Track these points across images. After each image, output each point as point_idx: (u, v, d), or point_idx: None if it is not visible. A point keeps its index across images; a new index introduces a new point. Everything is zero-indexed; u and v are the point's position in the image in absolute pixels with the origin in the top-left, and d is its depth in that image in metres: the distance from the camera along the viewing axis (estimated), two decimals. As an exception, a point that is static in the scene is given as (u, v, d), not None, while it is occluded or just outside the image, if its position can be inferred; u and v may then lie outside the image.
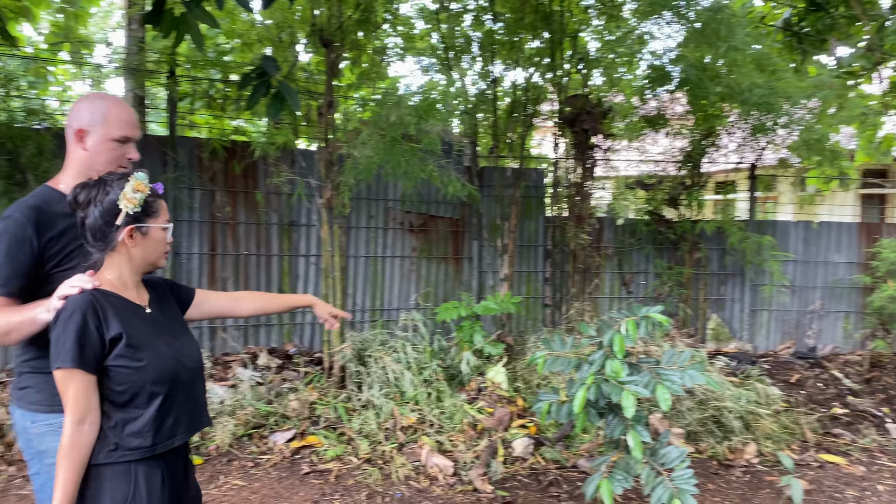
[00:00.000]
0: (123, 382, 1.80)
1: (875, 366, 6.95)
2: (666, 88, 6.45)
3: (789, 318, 7.53)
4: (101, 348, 1.77)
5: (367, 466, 4.46)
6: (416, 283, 6.61)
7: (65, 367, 1.73)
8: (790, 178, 7.77)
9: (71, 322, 1.75)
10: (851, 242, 7.51)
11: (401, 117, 4.47)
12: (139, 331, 1.86)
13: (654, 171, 7.46)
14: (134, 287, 1.95)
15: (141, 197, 1.86)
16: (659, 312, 3.81)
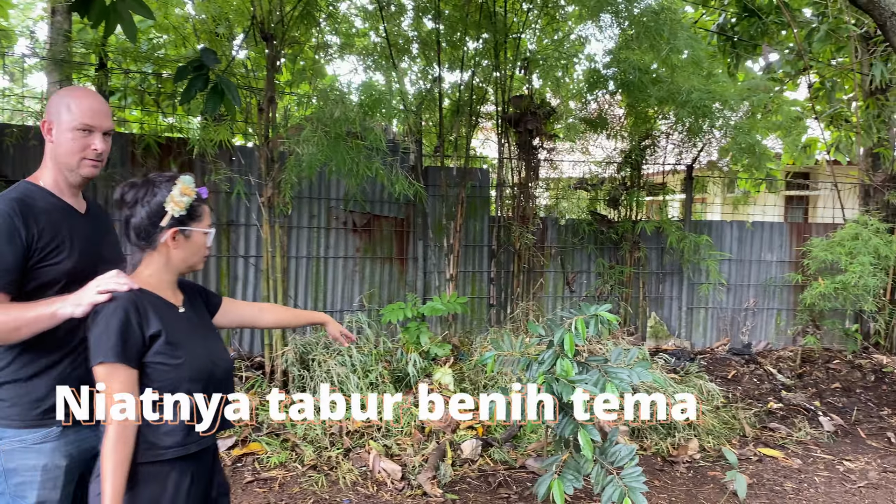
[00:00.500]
0: (160, 380, 1.83)
1: (806, 361, 7.20)
2: (606, 91, 6.52)
3: (724, 316, 7.74)
4: (142, 344, 1.81)
5: (312, 473, 4.34)
6: (360, 284, 6.49)
7: (108, 361, 1.76)
8: (722, 179, 7.97)
9: (114, 318, 1.78)
10: (783, 242, 7.77)
11: (345, 113, 4.36)
12: (177, 329, 1.90)
13: (596, 172, 7.55)
14: (170, 287, 1.99)
15: (188, 200, 1.90)
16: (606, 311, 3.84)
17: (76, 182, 2.06)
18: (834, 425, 5.85)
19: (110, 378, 1.77)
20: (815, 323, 7.01)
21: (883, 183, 7.55)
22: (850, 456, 5.18)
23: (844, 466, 4.98)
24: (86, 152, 2.01)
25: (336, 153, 4.54)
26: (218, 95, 3.99)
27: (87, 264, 1.99)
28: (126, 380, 1.78)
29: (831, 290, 6.30)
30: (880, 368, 7.10)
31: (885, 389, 6.71)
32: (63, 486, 1.94)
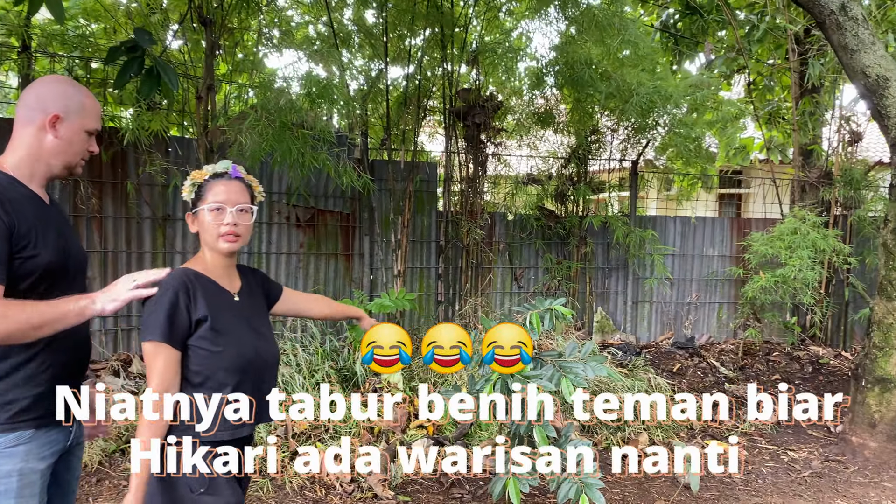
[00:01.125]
0: (199, 364, 1.88)
1: (747, 353, 7.35)
2: (553, 85, 6.49)
3: (668, 310, 7.83)
4: (187, 327, 1.86)
5: (257, 478, 4.14)
6: (305, 280, 6.28)
7: (154, 339, 1.82)
8: (661, 176, 8.07)
9: (164, 298, 1.83)
10: (724, 237, 7.91)
11: (291, 102, 4.17)
12: (224, 317, 1.93)
13: (543, 167, 7.52)
14: (224, 273, 2.03)
15: (193, 184, 2.00)
16: (563, 305, 3.78)
17: (55, 175, 1.95)
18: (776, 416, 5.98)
19: (154, 356, 1.83)
20: (755, 316, 7.15)
21: (818, 179, 7.77)
22: (793, 446, 5.28)
23: (789, 456, 5.07)
24: (84, 154, 1.98)
25: (281, 143, 4.34)
26: (154, 79, 3.75)
27: (59, 258, 1.86)
28: (169, 359, 1.84)
29: (771, 283, 6.42)
30: (817, 360, 7.30)
31: (821, 380, 6.90)
32: (40, 490, 1.86)
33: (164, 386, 1.83)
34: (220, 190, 1.99)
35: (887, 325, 5.05)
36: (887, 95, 5.06)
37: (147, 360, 1.85)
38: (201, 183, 2.01)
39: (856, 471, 4.83)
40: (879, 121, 5.17)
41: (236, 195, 2.01)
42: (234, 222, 1.97)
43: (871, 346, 5.16)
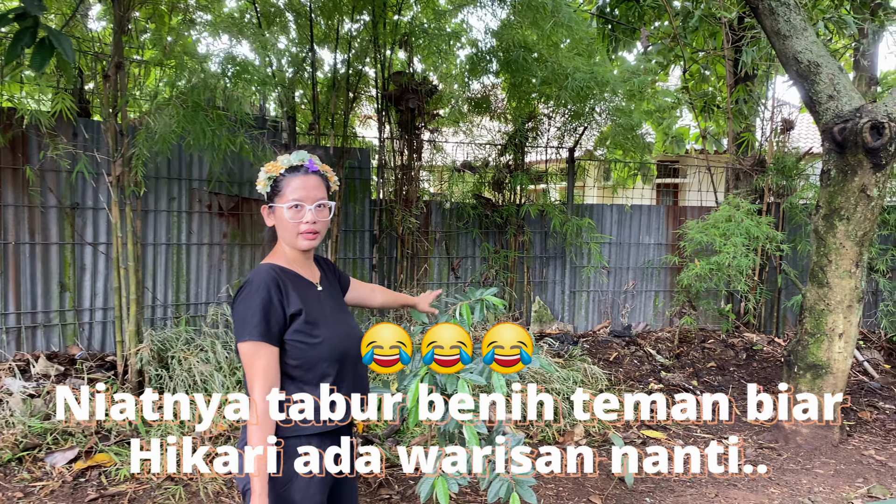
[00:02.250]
0: (299, 358, 1.87)
1: (683, 341, 7.35)
2: (488, 70, 6.31)
3: (605, 299, 7.78)
4: (283, 323, 1.84)
5: (169, 484, 3.84)
6: (229, 273, 5.95)
7: (252, 340, 1.79)
8: (600, 165, 8.02)
9: (257, 296, 1.80)
10: (660, 225, 7.90)
11: (205, 80, 3.86)
12: (315, 308, 1.92)
13: (480, 154, 7.35)
14: (305, 265, 2.01)
15: (266, 176, 1.94)
16: (494, 294, 3.62)
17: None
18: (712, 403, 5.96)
19: (254, 357, 1.79)
20: (691, 304, 7.15)
21: (751, 167, 7.82)
22: (727, 434, 5.26)
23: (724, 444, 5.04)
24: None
25: (193, 125, 4.02)
26: (47, 49, 3.37)
27: None
28: (269, 358, 1.81)
29: (706, 271, 6.41)
30: (751, 347, 7.36)
31: (755, 366, 6.95)
32: None
33: (268, 385, 1.80)
34: (298, 185, 1.93)
35: (818, 312, 5.06)
36: (818, 81, 5.05)
37: (246, 361, 1.81)
38: (277, 177, 1.94)
39: (789, 458, 4.82)
40: (811, 107, 5.16)
41: (314, 191, 1.96)
42: (313, 220, 1.94)
43: (803, 332, 5.17)
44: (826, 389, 5.07)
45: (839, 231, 4.94)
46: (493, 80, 6.94)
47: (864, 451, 4.98)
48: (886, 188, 5.11)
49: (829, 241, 4.98)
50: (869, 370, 6.88)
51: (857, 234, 4.92)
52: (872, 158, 4.79)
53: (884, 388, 6.45)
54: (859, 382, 6.61)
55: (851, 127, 4.80)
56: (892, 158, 4.83)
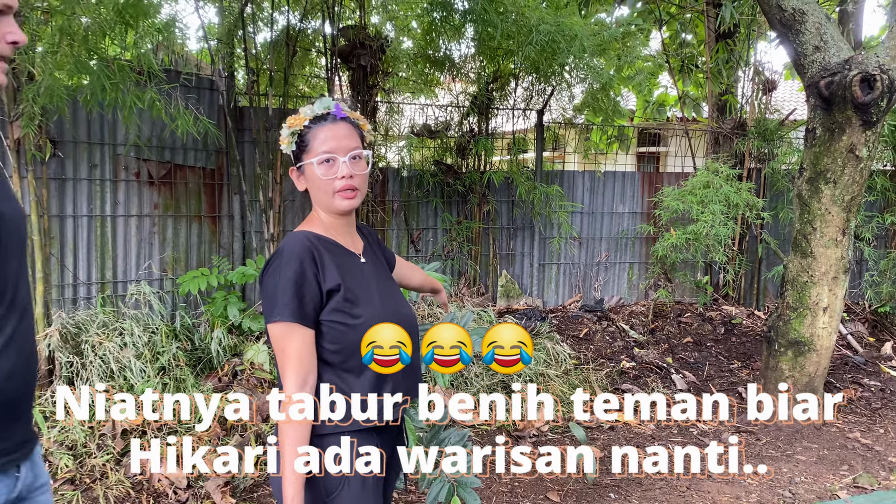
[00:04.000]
0: (338, 342, 1.63)
1: (658, 315, 6.95)
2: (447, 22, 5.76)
3: (577, 272, 7.34)
4: (319, 300, 1.60)
5: (66, 489, 3.37)
6: (161, 247, 5.42)
7: (283, 320, 1.55)
8: (580, 133, 7.52)
9: (288, 269, 1.56)
10: (635, 192, 7.44)
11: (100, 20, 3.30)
12: (356, 282, 1.68)
13: (441, 117, 6.82)
14: (346, 232, 1.75)
15: (290, 132, 1.67)
16: (436, 270, 3.16)
17: None
18: (686, 383, 5.57)
19: (286, 340, 1.56)
20: (666, 276, 6.73)
21: (731, 130, 7.37)
22: (703, 416, 4.86)
23: (698, 429, 4.65)
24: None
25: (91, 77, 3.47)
26: None
27: None
28: (304, 341, 1.58)
29: (682, 240, 5.99)
30: (730, 320, 6.97)
31: (734, 342, 6.57)
32: None
33: (303, 373, 1.56)
34: (327, 136, 1.64)
35: (801, 284, 4.65)
36: (804, 31, 4.57)
37: (277, 345, 1.57)
38: (301, 131, 1.66)
39: (768, 442, 4.44)
40: (795, 60, 4.69)
41: (347, 140, 1.67)
42: (349, 174, 1.65)
43: (785, 306, 4.76)
44: (809, 368, 4.68)
45: (825, 196, 4.51)
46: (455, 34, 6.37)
47: (850, 433, 4.61)
48: (876, 148, 4.67)
49: (814, 206, 4.55)
50: (853, 344, 6.52)
51: (845, 199, 4.49)
52: (862, 115, 4.34)
53: (868, 363, 6.09)
54: (843, 357, 6.25)
55: (839, 80, 4.34)
56: (883, 115, 4.38)
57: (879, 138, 4.88)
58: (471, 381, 4.88)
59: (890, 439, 4.50)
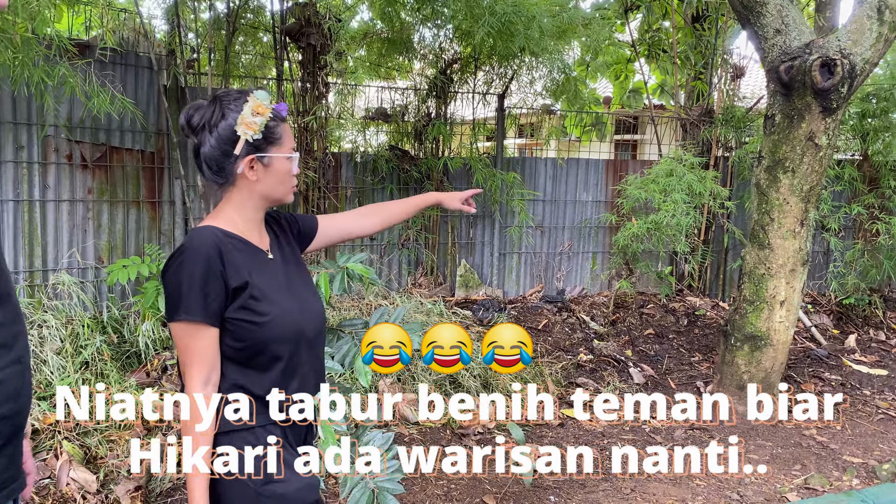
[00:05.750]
0: (245, 340, 1.59)
1: (620, 306, 6.79)
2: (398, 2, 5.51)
3: (539, 261, 7.15)
4: (224, 299, 1.56)
5: (-36, 496, 3.14)
6: (96, 233, 5.15)
7: (187, 319, 1.51)
8: (557, 120, 7.32)
9: (194, 265, 1.52)
10: (598, 180, 7.25)
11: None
12: (263, 280, 1.63)
13: (397, 100, 6.58)
14: (256, 228, 1.70)
15: (262, 121, 1.59)
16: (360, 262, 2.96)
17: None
18: (644, 376, 5.42)
19: (189, 338, 1.52)
20: (628, 266, 6.56)
21: (699, 117, 7.19)
22: (657, 412, 4.70)
23: (651, 426, 4.49)
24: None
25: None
26: None
27: None
28: (208, 340, 1.54)
29: (644, 230, 5.81)
30: (693, 312, 6.83)
31: (696, 333, 6.43)
32: None
33: (206, 371, 1.54)
34: (290, 132, 1.71)
35: (759, 277, 4.49)
36: (765, 13, 4.39)
37: (180, 343, 1.54)
38: (269, 122, 1.61)
39: (721, 440, 4.28)
40: (756, 42, 4.51)
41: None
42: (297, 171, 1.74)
43: (742, 299, 4.61)
44: (765, 363, 4.54)
45: (783, 185, 4.34)
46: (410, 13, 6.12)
47: (805, 430, 4.47)
48: (837, 137, 4.51)
49: (772, 196, 4.38)
50: (817, 336, 6.40)
51: (803, 189, 4.32)
52: (822, 101, 4.17)
53: (831, 356, 5.97)
54: (806, 350, 6.13)
55: (799, 65, 4.16)
56: (843, 101, 4.21)
57: (841, 126, 4.73)
58: (418, 377, 4.69)
59: (846, 437, 4.38)
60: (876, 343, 6.40)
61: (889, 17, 4.20)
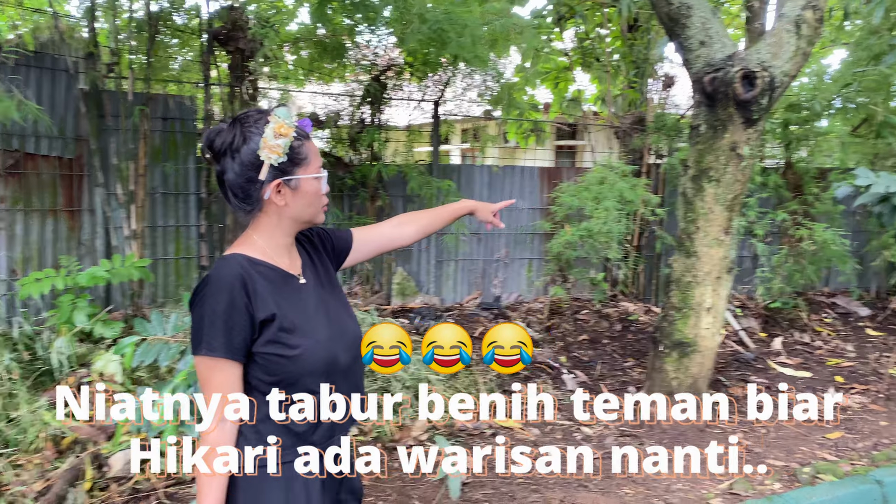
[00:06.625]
0: (276, 374, 1.53)
1: (555, 312, 6.83)
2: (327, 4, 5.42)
3: (476, 268, 7.15)
4: (250, 332, 1.50)
5: None
6: (9, 246, 4.91)
7: (208, 354, 1.47)
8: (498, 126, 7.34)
9: (216, 300, 1.47)
10: (534, 188, 7.30)
11: None
12: (294, 309, 1.57)
13: (331, 107, 6.48)
14: (286, 252, 1.64)
15: (285, 143, 1.52)
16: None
17: None
18: (577, 383, 5.44)
19: (210, 373, 1.48)
20: (562, 272, 6.61)
21: (632, 125, 7.31)
22: (590, 421, 4.73)
23: (582, 434, 4.51)
24: None
25: None
26: None
27: None
28: (230, 376, 1.50)
29: (577, 237, 5.86)
30: (626, 317, 6.92)
31: (629, 339, 6.52)
32: None
33: (225, 409, 1.49)
34: (315, 151, 1.62)
35: (686, 284, 4.56)
36: (690, 25, 4.47)
37: (200, 377, 1.51)
38: (293, 142, 1.54)
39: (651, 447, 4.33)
40: (682, 54, 4.59)
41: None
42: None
43: (670, 306, 4.68)
44: (693, 369, 4.61)
45: (708, 194, 4.42)
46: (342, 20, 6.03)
47: (732, 433, 4.55)
48: (759, 147, 4.62)
49: (698, 205, 4.46)
50: (745, 340, 6.56)
51: (727, 198, 4.42)
52: (744, 112, 4.26)
53: (758, 359, 6.13)
54: (734, 353, 6.27)
55: (722, 76, 4.25)
56: (764, 113, 4.32)
57: (763, 136, 4.85)
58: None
59: (770, 440, 4.48)
60: (800, 345, 6.60)
61: (806, 31, 4.33)
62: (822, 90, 6.95)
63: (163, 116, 5.44)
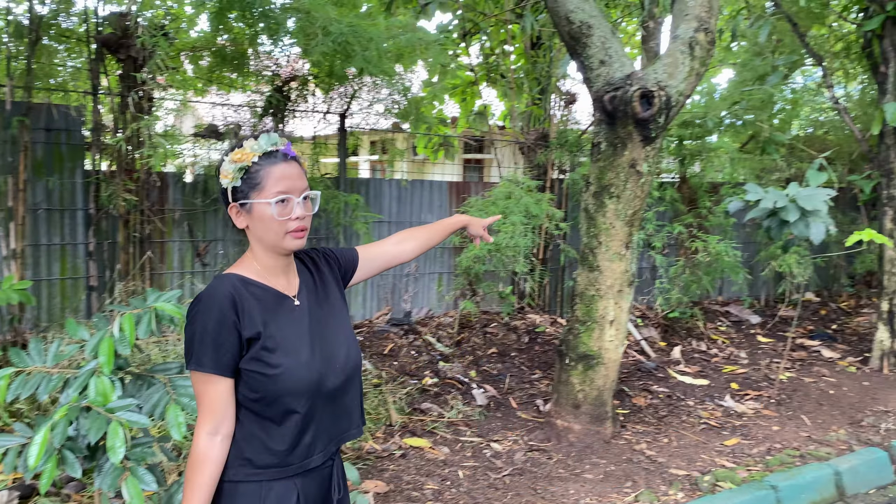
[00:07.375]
0: (258, 390, 1.59)
1: (465, 326, 6.83)
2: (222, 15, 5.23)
3: (385, 283, 7.06)
4: (238, 349, 1.58)
5: None
6: None
7: (199, 370, 1.56)
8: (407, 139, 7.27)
9: (206, 317, 1.56)
10: (443, 202, 7.29)
11: None
12: (281, 330, 1.63)
13: (232, 117, 6.26)
14: (282, 272, 1.71)
15: (236, 168, 1.61)
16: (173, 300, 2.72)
17: None
18: (487, 397, 5.44)
19: (202, 388, 1.57)
20: (472, 286, 6.63)
21: (535, 141, 7.43)
22: (498, 435, 4.72)
23: (491, 450, 4.48)
24: None
25: None
26: None
27: None
28: (220, 391, 1.57)
29: (485, 251, 5.88)
30: (534, 329, 7.01)
31: (537, 350, 6.59)
32: None
33: (216, 421, 1.56)
34: (281, 176, 1.61)
35: (589, 298, 4.64)
36: (590, 45, 4.57)
37: (194, 391, 1.59)
38: (250, 167, 1.60)
39: (559, 461, 4.36)
40: (583, 72, 4.69)
41: (300, 180, 1.66)
42: (302, 215, 1.64)
43: (575, 319, 4.74)
44: (598, 381, 4.69)
45: (609, 210, 4.52)
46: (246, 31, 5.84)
47: (636, 445, 4.66)
48: (657, 163, 4.78)
49: (599, 221, 4.55)
50: (646, 349, 6.77)
51: (627, 213, 4.53)
52: (642, 131, 4.39)
53: (659, 368, 6.33)
54: (636, 363, 6.45)
55: (622, 95, 4.36)
56: (661, 131, 4.46)
57: (660, 153, 5.01)
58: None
59: (672, 449, 4.60)
60: (698, 354, 6.87)
61: (699, 52, 4.51)
62: (712, 108, 7.31)
63: (46, 127, 5.09)
